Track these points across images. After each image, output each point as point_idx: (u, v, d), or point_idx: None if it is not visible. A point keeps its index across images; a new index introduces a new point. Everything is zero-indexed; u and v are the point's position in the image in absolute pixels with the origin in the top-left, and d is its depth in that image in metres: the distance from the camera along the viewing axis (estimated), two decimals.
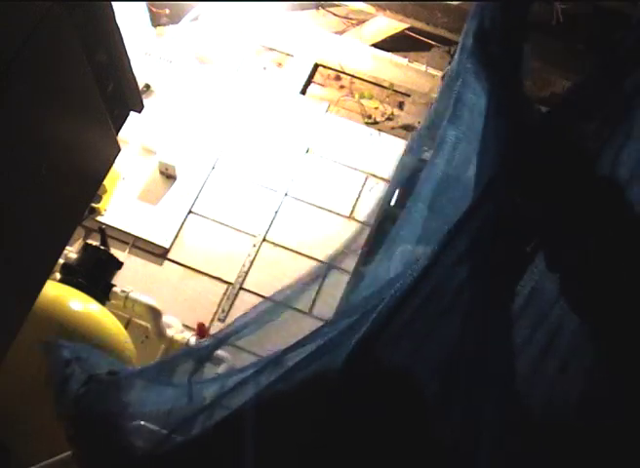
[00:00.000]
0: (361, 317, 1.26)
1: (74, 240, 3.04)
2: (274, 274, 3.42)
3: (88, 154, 1.77)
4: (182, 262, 3.46)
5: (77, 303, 2.60)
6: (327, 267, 1.48)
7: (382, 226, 3.47)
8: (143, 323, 3.24)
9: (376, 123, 3.79)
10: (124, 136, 2.88)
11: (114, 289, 2.98)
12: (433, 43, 3.75)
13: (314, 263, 3.42)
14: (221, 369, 3.07)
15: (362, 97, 3.86)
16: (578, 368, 1.25)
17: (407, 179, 1.45)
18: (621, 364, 1.20)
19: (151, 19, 3.80)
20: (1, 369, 1.71)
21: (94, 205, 3.37)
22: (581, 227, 1.23)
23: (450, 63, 3.68)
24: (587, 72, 1.23)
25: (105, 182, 3.17)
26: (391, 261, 1.43)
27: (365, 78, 3.90)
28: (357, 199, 3.57)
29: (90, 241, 2.99)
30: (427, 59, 3.83)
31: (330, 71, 3.94)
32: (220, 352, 3.31)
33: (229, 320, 3.32)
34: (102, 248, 2.90)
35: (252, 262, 3.45)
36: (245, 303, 3.36)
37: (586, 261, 1.22)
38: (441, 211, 1.37)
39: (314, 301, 1.64)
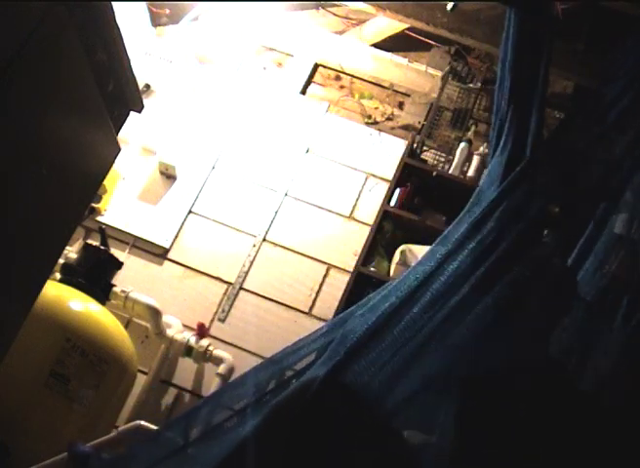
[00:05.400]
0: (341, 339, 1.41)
1: (74, 240, 3.03)
2: (274, 274, 3.42)
3: (88, 154, 1.77)
4: (182, 262, 3.46)
5: (77, 303, 2.60)
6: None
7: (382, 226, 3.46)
8: (143, 323, 3.24)
9: (376, 123, 3.79)
10: (124, 136, 2.87)
11: (114, 289, 2.98)
12: (433, 43, 3.75)
13: (314, 263, 3.42)
14: (221, 368, 3.08)
15: (362, 97, 3.86)
16: None
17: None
18: None
19: (151, 19, 3.80)
20: (1, 369, 1.71)
21: (94, 205, 3.37)
22: None
23: (450, 64, 3.68)
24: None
25: (105, 182, 3.18)
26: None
27: (365, 78, 3.90)
28: (357, 199, 3.56)
29: (90, 241, 2.98)
30: (427, 59, 3.83)
31: (330, 71, 3.94)
32: (219, 352, 3.31)
33: (229, 320, 3.32)
34: (102, 248, 2.90)
35: (252, 262, 3.45)
36: (245, 303, 3.36)
37: None
38: None
39: (314, 301, 1.64)
